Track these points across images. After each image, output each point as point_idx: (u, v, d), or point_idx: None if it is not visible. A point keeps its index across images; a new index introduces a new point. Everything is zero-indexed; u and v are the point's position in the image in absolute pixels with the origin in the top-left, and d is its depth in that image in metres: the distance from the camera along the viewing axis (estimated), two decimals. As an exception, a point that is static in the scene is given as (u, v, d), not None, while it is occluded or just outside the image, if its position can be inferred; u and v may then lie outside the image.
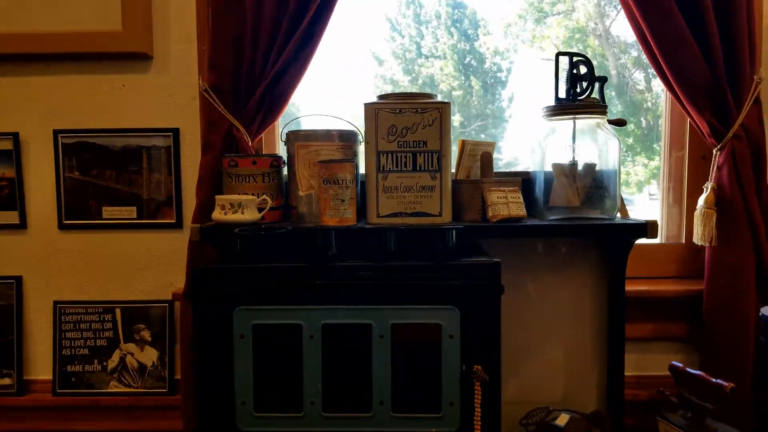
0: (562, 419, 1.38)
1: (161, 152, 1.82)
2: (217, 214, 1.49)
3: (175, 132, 1.82)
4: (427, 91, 1.79)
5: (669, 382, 1.56)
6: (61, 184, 1.83)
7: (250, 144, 1.74)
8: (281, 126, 1.81)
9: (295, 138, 1.59)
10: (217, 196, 1.53)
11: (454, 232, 1.36)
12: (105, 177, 1.83)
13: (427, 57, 2.27)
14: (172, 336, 1.84)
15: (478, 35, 2.24)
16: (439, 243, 1.35)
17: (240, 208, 1.48)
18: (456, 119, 2.16)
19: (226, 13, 1.71)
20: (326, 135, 1.58)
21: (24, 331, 1.87)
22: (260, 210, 1.52)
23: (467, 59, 2.25)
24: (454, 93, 2.23)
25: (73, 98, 1.82)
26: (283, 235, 1.39)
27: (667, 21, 1.60)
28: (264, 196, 1.53)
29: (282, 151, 1.89)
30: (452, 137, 1.52)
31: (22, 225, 1.84)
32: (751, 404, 1.57)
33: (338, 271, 1.33)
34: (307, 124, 1.91)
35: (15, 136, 1.81)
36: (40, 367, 1.87)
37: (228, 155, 1.61)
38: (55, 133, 1.82)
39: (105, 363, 1.84)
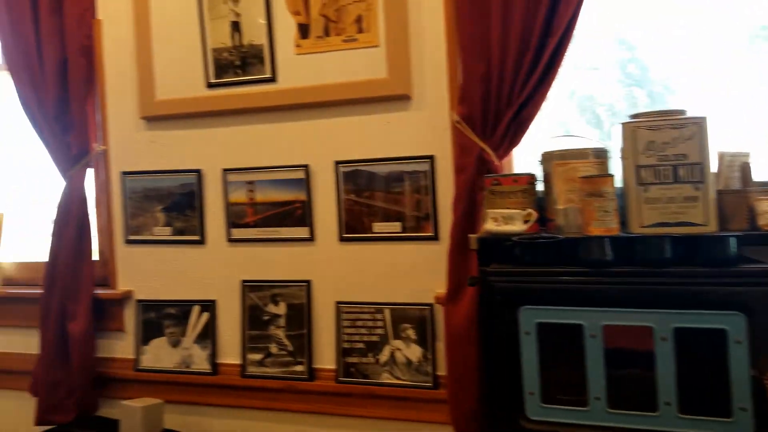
0: None
1: (420, 176, 1.92)
2: (490, 225, 1.53)
3: (431, 158, 1.91)
4: (587, 104, 1.72)
5: None
6: (341, 204, 2.00)
7: (498, 165, 1.77)
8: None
9: (551, 157, 1.59)
10: (488, 210, 1.58)
11: (733, 240, 1.27)
12: (375, 198, 1.97)
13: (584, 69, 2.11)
14: (434, 335, 1.92)
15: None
16: (717, 250, 1.27)
17: (510, 220, 1.51)
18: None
19: (474, 55, 1.79)
20: (581, 153, 1.57)
21: (312, 326, 2.06)
22: (525, 222, 1.54)
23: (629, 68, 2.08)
24: (618, 104, 2.06)
25: (349, 135, 2.00)
26: (557, 243, 1.39)
27: None
28: (529, 210, 1.55)
29: (515, 170, 1.93)
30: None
31: (311, 238, 2.04)
32: None
33: (617, 275, 1.31)
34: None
35: (306, 168, 2.02)
36: (326, 357, 2.05)
37: (490, 175, 1.67)
38: (336, 163, 2.00)
39: (378, 356, 1.97)
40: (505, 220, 1.52)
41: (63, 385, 2.24)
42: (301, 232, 2.06)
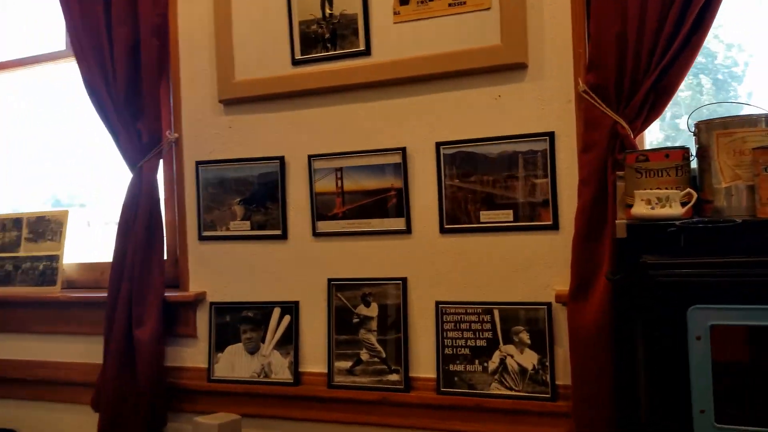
0: None
1: (537, 156, 1.78)
2: (641, 209, 1.38)
3: (551, 135, 1.77)
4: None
5: None
6: (442, 191, 1.88)
7: (635, 140, 1.62)
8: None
9: (709, 127, 1.43)
10: (637, 191, 1.42)
11: None
12: (482, 183, 1.84)
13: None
14: (552, 339, 1.77)
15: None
16: None
17: (667, 202, 1.35)
18: (682, 121, 1.83)
19: (607, 13, 1.64)
20: (750, 120, 1.40)
21: (409, 329, 1.93)
22: (683, 204, 1.38)
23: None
24: (681, 94, 1.91)
25: (451, 112, 1.88)
26: (737, 227, 1.23)
27: None
28: (688, 190, 1.39)
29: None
30: None
31: (407, 230, 1.92)
32: None
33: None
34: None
35: (403, 151, 1.91)
36: (424, 365, 1.92)
37: (633, 150, 1.52)
38: (437, 145, 1.88)
39: (486, 364, 1.83)
40: (661, 203, 1.36)
41: (129, 398, 2.16)
42: (397, 223, 1.95)
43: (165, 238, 2.26)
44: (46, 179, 2.72)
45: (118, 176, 2.36)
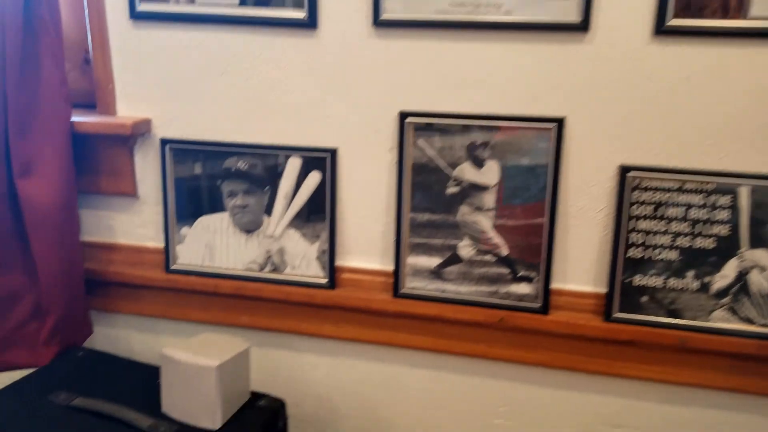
0: None
1: None
2: None
3: None
4: None
5: None
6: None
7: None
8: None
9: None
10: None
11: None
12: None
13: None
14: (844, 243, 0.99)
15: None
16: None
17: None
18: None
19: None
20: None
21: (557, 211, 1.09)
22: None
23: None
24: None
25: None
26: None
27: None
28: None
29: None
30: None
31: (582, 26, 1.00)
32: None
33: None
34: None
35: None
36: (579, 272, 1.11)
37: None
38: None
39: (707, 279, 1.05)
40: None
41: (22, 299, 1.26)
42: (557, 11, 0.98)
43: (64, 13, 1.17)
44: None
45: None
